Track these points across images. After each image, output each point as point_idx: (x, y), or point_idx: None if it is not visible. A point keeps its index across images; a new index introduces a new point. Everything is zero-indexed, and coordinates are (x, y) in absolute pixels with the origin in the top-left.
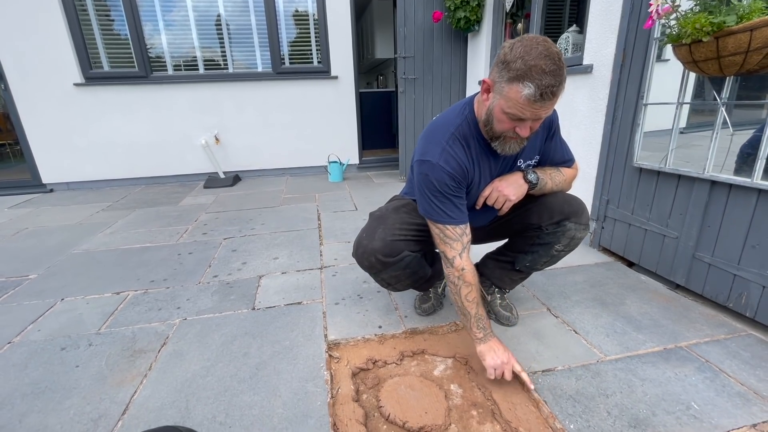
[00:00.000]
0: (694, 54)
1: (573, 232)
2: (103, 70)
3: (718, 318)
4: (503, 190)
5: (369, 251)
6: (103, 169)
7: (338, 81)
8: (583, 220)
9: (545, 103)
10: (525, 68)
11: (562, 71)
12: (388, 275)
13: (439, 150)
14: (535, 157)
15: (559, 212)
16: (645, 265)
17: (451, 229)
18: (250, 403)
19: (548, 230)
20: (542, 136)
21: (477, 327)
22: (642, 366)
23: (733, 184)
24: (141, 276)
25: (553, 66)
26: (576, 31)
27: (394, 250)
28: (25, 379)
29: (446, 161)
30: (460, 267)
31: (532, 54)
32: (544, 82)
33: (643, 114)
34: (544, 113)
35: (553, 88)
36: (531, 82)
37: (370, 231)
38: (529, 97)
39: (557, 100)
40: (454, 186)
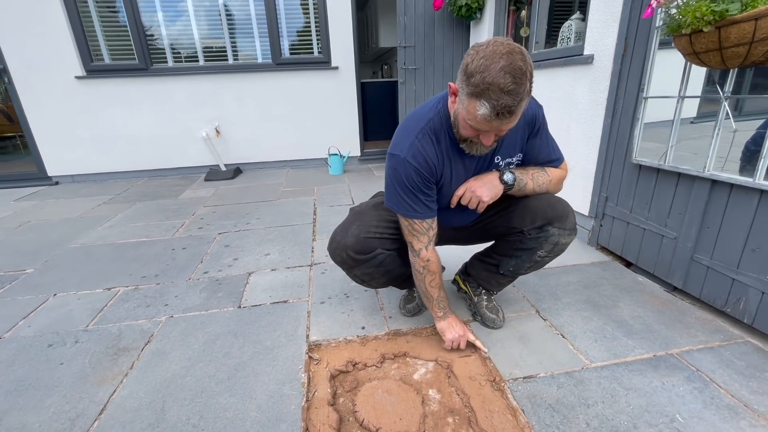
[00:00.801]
0: (694, 45)
1: (556, 237)
2: (104, 62)
3: (715, 323)
4: (476, 190)
5: (341, 247)
6: (106, 161)
7: (339, 72)
8: (568, 225)
9: (503, 121)
10: (483, 86)
11: (521, 88)
12: (360, 272)
13: (407, 144)
14: (517, 155)
15: (542, 216)
16: (643, 265)
17: (418, 223)
18: (226, 405)
19: (531, 235)
20: (524, 133)
21: (438, 308)
22: (628, 374)
23: (735, 184)
24: (133, 271)
25: (512, 85)
26: (579, 18)
27: (366, 248)
28: (11, 376)
29: (413, 156)
30: (426, 258)
31: (492, 70)
32: (500, 102)
33: (643, 108)
34: (505, 127)
35: (510, 108)
36: (488, 102)
37: (345, 226)
38: (485, 117)
39: (517, 116)
40: (421, 182)
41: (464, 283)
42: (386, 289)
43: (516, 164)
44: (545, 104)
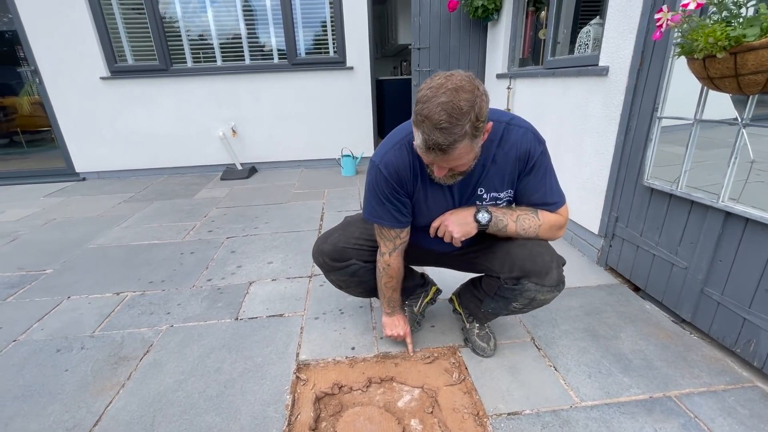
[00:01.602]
0: (708, 70)
1: (533, 293)
2: (127, 63)
3: (723, 363)
4: (449, 225)
5: (319, 251)
6: (129, 159)
7: (354, 72)
8: (548, 281)
9: (436, 156)
10: (420, 117)
11: (456, 129)
12: (335, 277)
13: (383, 152)
14: (506, 191)
15: (519, 267)
16: (651, 292)
17: (386, 230)
18: (211, 424)
19: (507, 285)
20: (514, 168)
21: (388, 305)
22: (619, 417)
23: (750, 219)
24: (142, 276)
25: (445, 123)
26: (599, 23)
27: (342, 256)
28: (20, 381)
29: (385, 165)
30: (387, 263)
31: (432, 103)
32: (431, 138)
33: (657, 128)
34: (444, 164)
35: (440, 146)
36: (422, 134)
37: (329, 233)
38: (419, 147)
39: (454, 155)
40: (390, 191)
41: (459, 306)
42: (380, 308)
43: (506, 201)
44: (559, 115)
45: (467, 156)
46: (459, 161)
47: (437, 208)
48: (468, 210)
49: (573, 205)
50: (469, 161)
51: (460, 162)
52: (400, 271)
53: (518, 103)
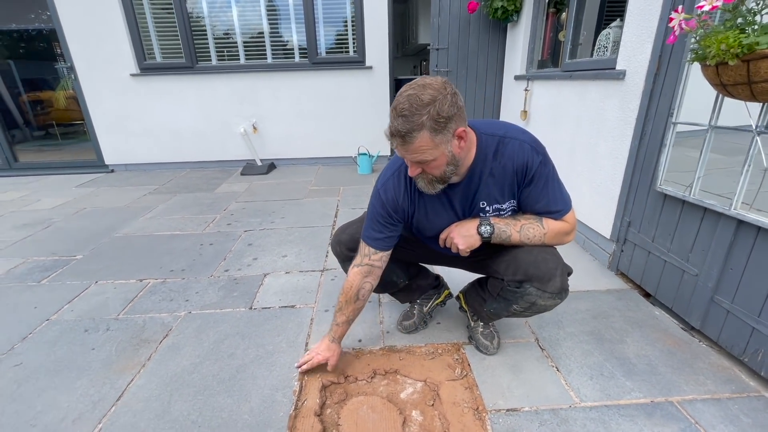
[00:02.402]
0: (721, 77)
1: (534, 298)
2: (156, 61)
3: (730, 372)
4: (455, 237)
5: (337, 241)
6: (155, 152)
7: (372, 71)
8: (550, 288)
9: (400, 145)
10: (392, 107)
11: (415, 117)
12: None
13: (384, 180)
14: (508, 202)
15: (523, 272)
16: (661, 299)
17: (363, 245)
18: (223, 405)
19: (509, 287)
20: (512, 180)
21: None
22: (618, 419)
23: (762, 227)
24: (164, 264)
25: (406, 111)
26: (618, 26)
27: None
28: (52, 357)
29: (385, 191)
30: (347, 274)
31: (401, 96)
32: (393, 125)
33: (671, 134)
34: (409, 156)
35: (399, 132)
36: (389, 122)
37: (349, 224)
38: (386, 135)
39: (415, 146)
40: (384, 214)
41: (465, 304)
42: (388, 303)
43: (510, 210)
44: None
45: (430, 152)
46: (422, 155)
47: (440, 221)
48: (472, 222)
49: (586, 209)
50: (438, 163)
51: (422, 156)
52: (351, 289)
53: (535, 105)
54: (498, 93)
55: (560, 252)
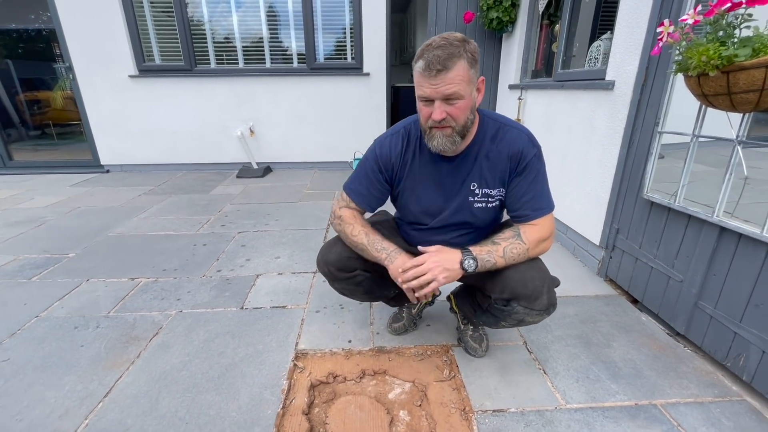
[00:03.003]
0: (703, 87)
1: (521, 315)
2: (155, 63)
3: (713, 376)
4: (434, 268)
5: (324, 261)
6: (151, 153)
7: (370, 78)
8: (537, 305)
9: (437, 76)
10: (420, 50)
11: (452, 47)
12: (340, 286)
13: (382, 137)
14: (498, 189)
15: (510, 290)
16: (648, 304)
17: (346, 195)
18: (211, 402)
19: (497, 305)
20: (505, 166)
21: (376, 250)
22: (602, 420)
23: (743, 234)
24: (156, 264)
25: (442, 42)
26: (609, 38)
27: (347, 266)
28: (40, 352)
29: (380, 146)
30: (339, 214)
31: (429, 42)
32: (431, 54)
33: (657, 142)
34: (444, 88)
35: (439, 58)
36: (422, 58)
37: (333, 242)
38: (421, 70)
39: (452, 74)
40: (375, 168)
41: (456, 306)
42: (379, 305)
43: (497, 200)
44: (568, 126)
45: (464, 85)
46: (457, 86)
47: (426, 197)
48: (453, 254)
49: (577, 216)
50: (465, 104)
51: (457, 88)
52: (355, 218)
53: (528, 113)
54: (492, 101)
55: (552, 257)
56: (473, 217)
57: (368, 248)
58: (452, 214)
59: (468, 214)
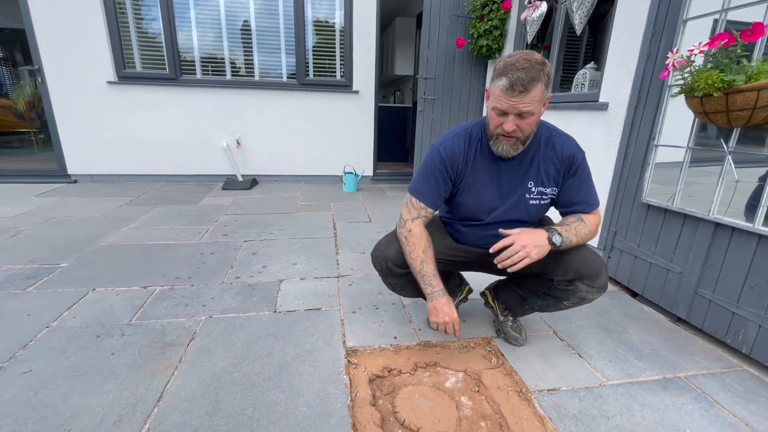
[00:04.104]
0: (705, 106)
1: (584, 293)
2: (136, 70)
3: (716, 352)
4: (527, 245)
5: (383, 257)
6: (127, 164)
7: (359, 96)
8: (598, 283)
9: (518, 95)
10: (503, 67)
11: (533, 70)
12: (394, 281)
13: (444, 139)
14: (551, 188)
15: (574, 271)
16: (648, 296)
17: (416, 200)
18: (276, 400)
19: (560, 286)
20: (558, 168)
21: (424, 282)
22: (642, 392)
23: (736, 228)
24: (166, 272)
25: (525, 64)
26: (593, 68)
27: (404, 263)
28: (66, 363)
29: (444, 148)
30: (408, 228)
31: (512, 58)
32: (515, 76)
33: (654, 154)
34: (522, 106)
35: (523, 81)
36: (505, 77)
37: (389, 240)
38: (503, 89)
39: (531, 95)
40: (440, 167)
41: (493, 301)
42: (414, 304)
43: (550, 197)
44: None
45: (537, 104)
46: (532, 106)
47: (484, 194)
48: (539, 233)
49: None
50: (534, 119)
51: (531, 107)
52: (422, 238)
53: None
54: None
55: None
56: (527, 213)
57: (418, 276)
58: (508, 210)
59: (523, 210)
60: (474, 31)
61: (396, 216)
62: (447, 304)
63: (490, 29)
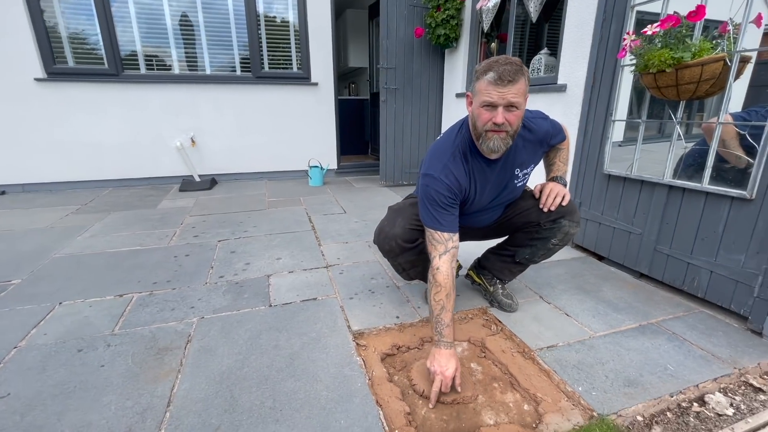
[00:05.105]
0: (658, 81)
1: (567, 228)
2: (69, 65)
3: (677, 299)
4: (560, 191)
5: (390, 236)
6: (66, 170)
7: (318, 88)
8: (576, 218)
9: (506, 86)
10: (487, 65)
11: (516, 65)
12: (404, 259)
13: (441, 166)
14: (530, 166)
15: (556, 211)
16: (614, 258)
17: (438, 234)
18: (294, 388)
19: (546, 226)
20: (539, 148)
21: (435, 330)
22: (625, 339)
23: (686, 188)
24: (141, 278)
25: (508, 60)
26: (547, 53)
27: (411, 237)
28: (49, 381)
29: (446, 176)
30: (436, 266)
31: (492, 58)
32: (501, 68)
33: (612, 129)
34: (510, 96)
35: (510, 74)
36: (492, 71)
37: (391, 220)
38: (491, 80)
39: (518, 87)
40: (449, 197)
41: (478, 277)
42: (410, 285)
43: (530, 172)
44: None
45: (523, 97)
46: (519, 97)
47: (484, 193)
48: (555, 184)
49: None
50: (520, 113)
51: (518, 99)
52: (448, 280)
53: None
54: (439, 108)
55: None
56: (515, 192)
57: (433, 319)
58: (502, 197)
59: (512, 191)
60: (431, 21)
61: (369, 206)
62: (447, 357)
63: (447, 18)
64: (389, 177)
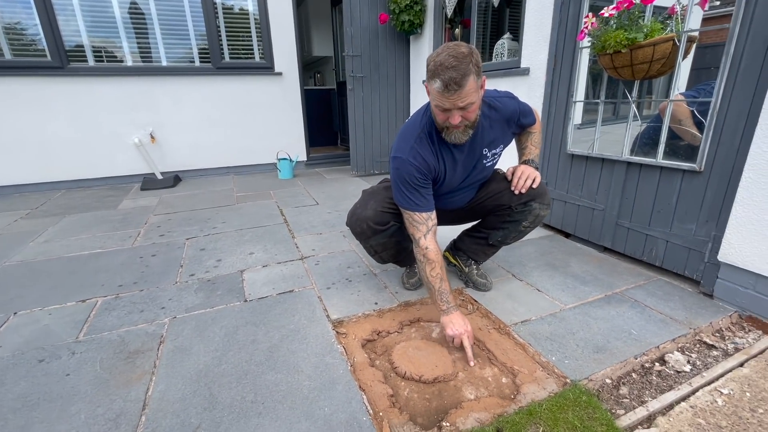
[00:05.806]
0: (614, 62)
1: (537, 210)
2: (5, 58)
3: (637, 270)
4: (531, 174)
5: (362, 218)
6: (11, 172)
7: (283, 78)
8: (546, 200)
9: (454, 93)
10: (434, 68)
11: (462, 65)
12: (376, 242)
13: (408, 148)
14: (500, 147)
15: (527, 194)
16: (579, 234)
17: (417, 215)
18: (275, 381)
19: (517, 209)
20: (504, 127)
21: (441, 300)
22: (593, 309)
23: (643, 164)
24: (105, 282)
25: (454, 62)
26: (510, 38)
27: (383, 220)
28: (8, 395)
29: (414, 157)
30: (424, 246)
31: (440, 56)
32: (446, 76)
33: (573, 110)
34: (460, 102)
35: (455, 80)
36: (438, 78)
37: (364, 202)
38: (439, 90)
39: (466, 90)
40: (420, 178)
41: (454, 258)
42: (386, 272)
43: (500, 153)
44: None
45: (474, 94)
46: (469, 98)
47: (453, 175)
48: (528, 167)
49: None
50: (476, 106)
51: (470, 99)
52: (439, 255)
53: None
54: (407, 95)
55: None
56: (485, 171)
57: (435, 293)
58: (472, 176)
59: (482, 171)
60: (395, 7)
61: (342, 196)
62: (461, 318)
63: (410, 4)
64: (360, 167)
